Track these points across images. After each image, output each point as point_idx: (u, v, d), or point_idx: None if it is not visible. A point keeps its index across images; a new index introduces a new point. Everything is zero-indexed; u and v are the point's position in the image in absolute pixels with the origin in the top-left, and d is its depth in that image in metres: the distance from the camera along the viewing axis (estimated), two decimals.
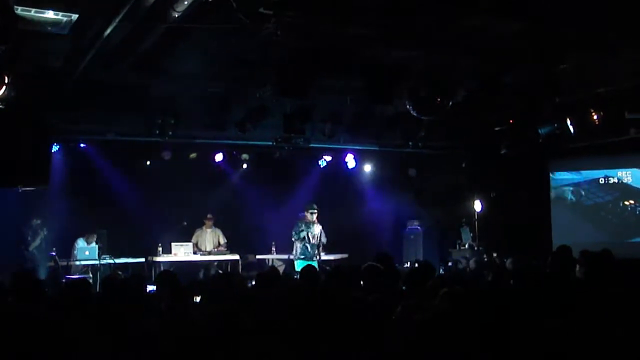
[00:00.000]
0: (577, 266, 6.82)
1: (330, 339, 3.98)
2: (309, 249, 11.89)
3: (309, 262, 10.92)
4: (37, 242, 11.81)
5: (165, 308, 5.07)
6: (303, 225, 12.02)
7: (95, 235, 12.09)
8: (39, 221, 11.86)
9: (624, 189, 13.44)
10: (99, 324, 3.56)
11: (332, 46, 8.27)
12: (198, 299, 6.20)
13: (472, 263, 8.90)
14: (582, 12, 7.20)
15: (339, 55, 8.57)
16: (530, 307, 4.69)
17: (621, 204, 13.46)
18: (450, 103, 9.05)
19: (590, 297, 5.15)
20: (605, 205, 13.66)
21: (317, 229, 12.02)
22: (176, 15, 6.85)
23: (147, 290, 6.55)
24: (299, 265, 11.32)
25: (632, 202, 13.31)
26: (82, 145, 11.98)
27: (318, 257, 11.83)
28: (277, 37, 7.11)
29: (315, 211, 12.04)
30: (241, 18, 6.56)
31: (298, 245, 12.06)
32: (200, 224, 13.39)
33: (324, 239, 12.19)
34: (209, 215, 13.30)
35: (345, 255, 13.26)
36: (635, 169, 13.20)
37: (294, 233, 12.09)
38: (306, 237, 11.89)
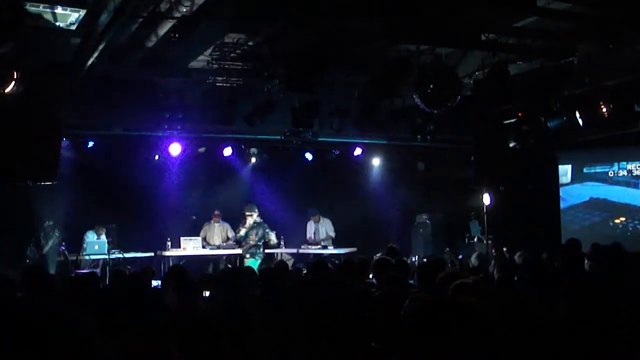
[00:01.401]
0: (586, 260, 6.78)
1: (339, 332, 3.98)
2: (248, 248, 12.61)
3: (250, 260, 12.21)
4: (50, 244, 11.78)
5: (172, 303, 5.08)
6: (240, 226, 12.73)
7: (104, 229, 12.12)
8: (51, 222, 11.82)
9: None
10: (105, 318, 3.58)
11: (339, 40, 8.24)
12: (207, 293, 6.22)
13: (473, 259, 8.83)
14: (590, 4, 7.17)
15: (346, 49, 8.54)
16: (539, 300, 4.67)
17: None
18: (459, 96, 9.02)
19: (599, 291, 5.13)
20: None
21: (259, 228, 12.60)
22: (184, 10, 6.86)
23: (152, 285, 6.57)
24: None
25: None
26: (91, 140, 11.99)
27: (252, 257, 12.48)
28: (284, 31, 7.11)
29: (252, 213, 12.59)
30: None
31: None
32: (208, 218, 13.43)
33: (273, 238, 12.79)
34: (216, 212, 13.34)
35: (354, 249, 13.27)
36: None
37: None
38: (244, 238, 12.66)
